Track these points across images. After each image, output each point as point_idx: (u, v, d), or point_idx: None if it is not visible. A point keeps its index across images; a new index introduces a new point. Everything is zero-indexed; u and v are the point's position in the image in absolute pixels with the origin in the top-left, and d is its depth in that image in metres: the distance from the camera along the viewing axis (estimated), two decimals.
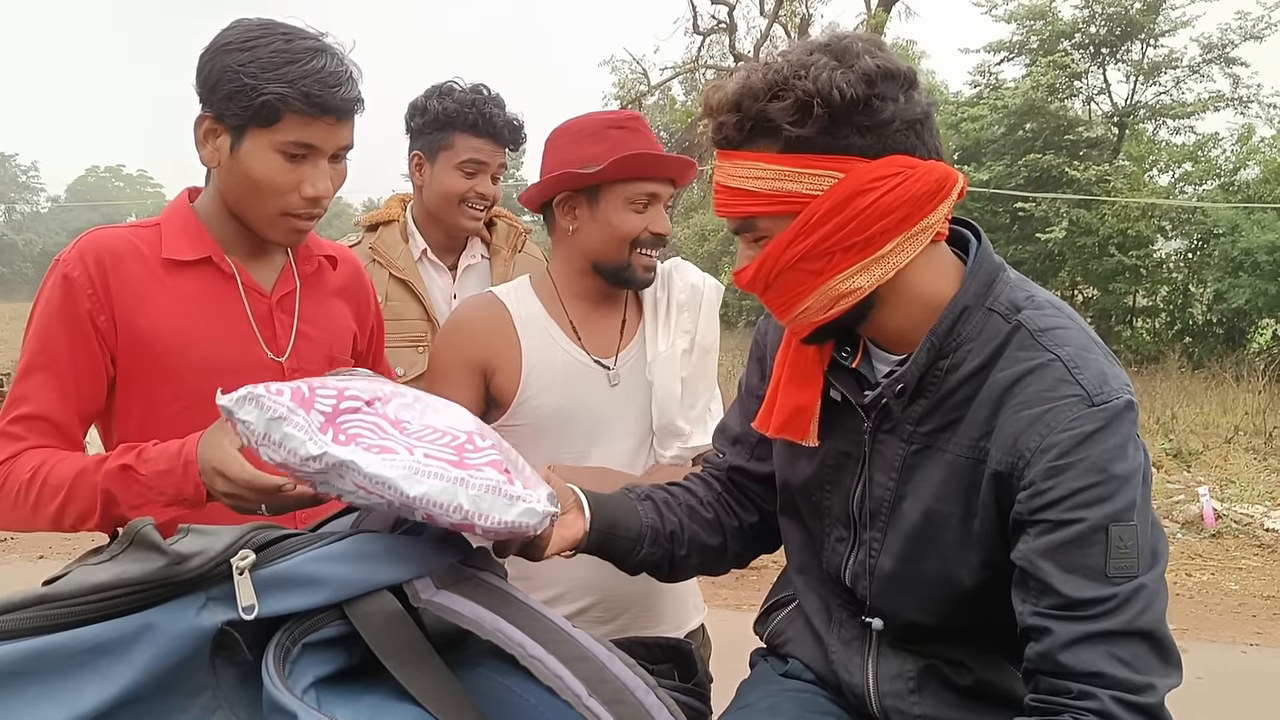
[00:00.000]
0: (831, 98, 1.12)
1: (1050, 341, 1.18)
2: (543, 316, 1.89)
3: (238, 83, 1.48)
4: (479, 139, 2.31)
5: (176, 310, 1.57)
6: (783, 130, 1.15)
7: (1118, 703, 1.04)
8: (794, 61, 1.15)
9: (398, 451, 1.05)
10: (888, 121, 1.14)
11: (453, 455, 1.09)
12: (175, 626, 0.87)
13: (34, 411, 1.52)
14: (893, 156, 1.15)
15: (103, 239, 1.58)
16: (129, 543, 0.90)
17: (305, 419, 1.04)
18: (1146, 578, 1.08)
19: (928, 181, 1.16)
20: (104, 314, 1.53)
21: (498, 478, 1.07)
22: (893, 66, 1.14)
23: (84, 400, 1.56)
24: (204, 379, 1.54)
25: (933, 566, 1.24)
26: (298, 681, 0.91)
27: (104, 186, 78.29)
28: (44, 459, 1.49)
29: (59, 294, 1.53)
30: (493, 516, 1.04)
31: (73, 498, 1.45)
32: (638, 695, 0.97)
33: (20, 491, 1.47)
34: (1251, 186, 18.04)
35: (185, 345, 1.57)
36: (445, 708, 0.94)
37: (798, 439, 1.34)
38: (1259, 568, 6.54)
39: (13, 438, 1.52)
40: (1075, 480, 1.09)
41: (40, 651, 0.83)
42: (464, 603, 1.00)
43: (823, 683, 1.39)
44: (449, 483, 1.03)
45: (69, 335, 1.53)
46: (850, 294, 1.20)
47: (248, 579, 0.89)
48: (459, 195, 2.35)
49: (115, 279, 1.54)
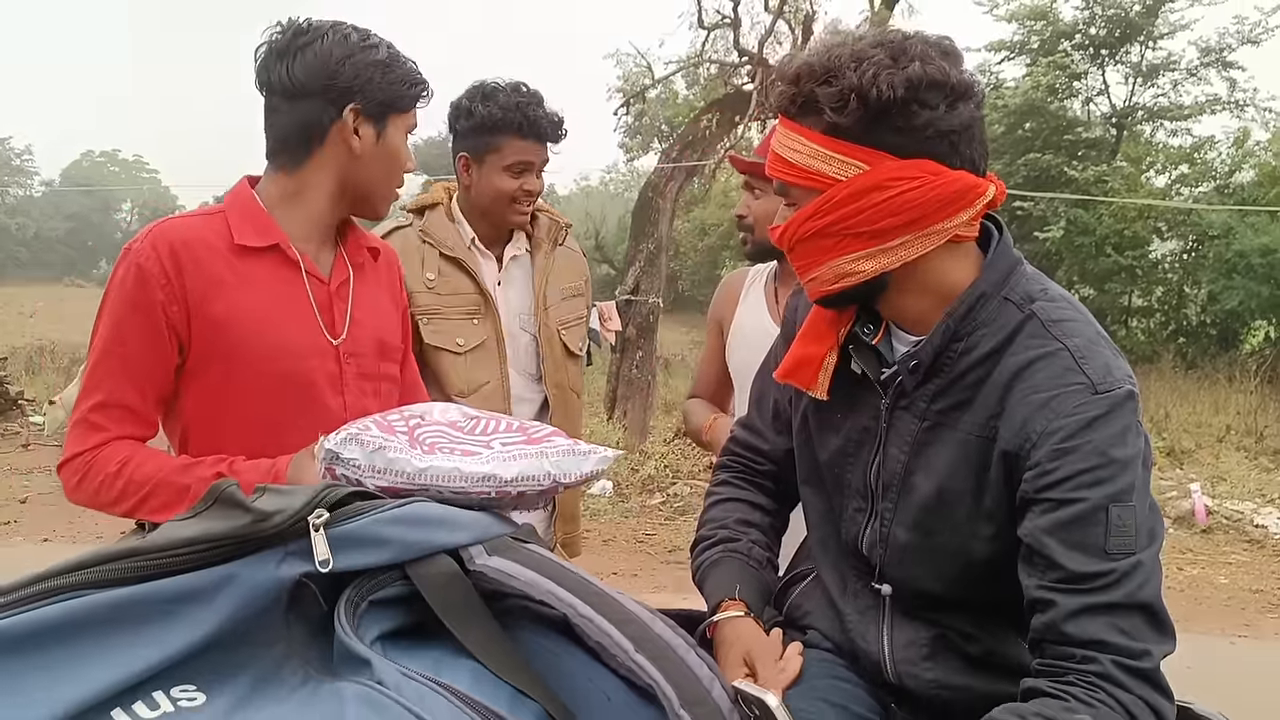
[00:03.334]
0: (870, 95, 1.19)
1: (1060, 332, 1.24)
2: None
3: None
4: (525, 140, 2.38)
5: (249, 296, 1.66)
6: (825, 114, 1.22)
7: (1118, 666, 1.11)
8: (854, 52, 1.22)
9: (479, 451, 1.21)
10: (922, 127, 1.20)
11: (521, 437, 1.26)
12: (256, 577, 0.93)
13: (112, 399, 1.62)
14: (922, 160, 1.21)
15: (174, 228, 1.65)
16: (213, 501, 0.96)
17: (398, 442, 1.17)
18: (1144, 555, 1.15)
19: (948, 190, 1.22)
20: (176, 304, 1.61)
21: (566, 442, 1.23)
22: (940, 77, 1.19)
23: (156, 385, 1.65)
24: (273, 362, 1.66)
25: (945, 538, 1.30)
26: (365, 635, 0.98)
27: (99, 171, 77.91)
28: (129, 454, 1.60)
29: (132, 283, 1.61)
30: (574, 473, 1.22)
31: (155, 494, 1.58)
32: (679, 653, 1.04)
33: (105, 481, 1.59)
34: (1246, 189, 18.13)
35: (258, 330, 1.66)
36: (500, 663, 1.01)
37: (803, 386, 1.41)
38: (1248, 563, 6.65)
39: (95, 426, 1.62)
40: (1078, 462, 1.16)
41: (135, 598, 0.89)
42: (517, 568, 1.07)
43: (839, 651, 1.46)
44: (533, 458, 1.20)
45: (142, 324, 1.61)
46: (854, 274, 1.28)
47: (323, 535, 0.96)
48: (509, 195, 2.42)
49: (189, 268, 1.62)
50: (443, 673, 0.97)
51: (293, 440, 1.59)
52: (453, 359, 2.40)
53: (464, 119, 2.40)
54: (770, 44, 11.88)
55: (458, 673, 0.98)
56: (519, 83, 2.41)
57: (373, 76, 1.71)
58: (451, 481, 1.15)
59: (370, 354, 1.80)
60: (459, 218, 2.52)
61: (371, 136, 1.73)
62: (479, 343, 2.44)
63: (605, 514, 7.81)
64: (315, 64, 1.66)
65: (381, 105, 1.73)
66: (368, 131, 1.73)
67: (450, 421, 1.30)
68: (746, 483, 1.64)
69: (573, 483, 1.24)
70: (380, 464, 1.15)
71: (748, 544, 1.53)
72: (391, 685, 0.90)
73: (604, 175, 38.45)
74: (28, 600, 0.88)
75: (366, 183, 1.78)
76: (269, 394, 1.67)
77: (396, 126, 1.77)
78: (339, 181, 1.74)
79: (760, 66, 11.35)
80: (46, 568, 0.90)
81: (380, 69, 1.71)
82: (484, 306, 2.46)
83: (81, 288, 42.96)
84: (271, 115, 1.73)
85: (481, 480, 1.16)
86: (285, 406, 1.68)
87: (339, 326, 1.76)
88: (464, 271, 2.45)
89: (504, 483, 1.17)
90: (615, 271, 20.45)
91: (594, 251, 22.76)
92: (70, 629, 0.87)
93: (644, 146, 24.53)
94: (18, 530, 7.10)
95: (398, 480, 1.14)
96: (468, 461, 1.18)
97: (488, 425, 1.30)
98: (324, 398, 1.72)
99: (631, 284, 10.47)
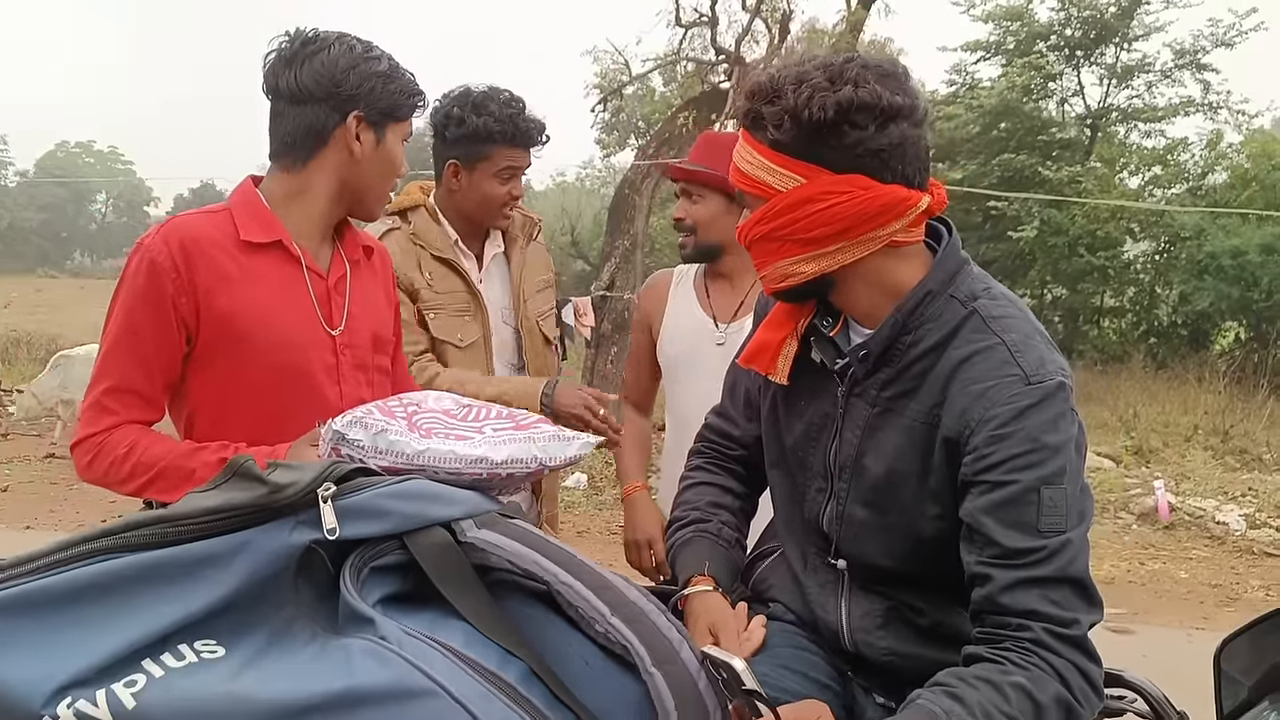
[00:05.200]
0: (803, 115, 1.30)
1: (999, 328, 1.36)
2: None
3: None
4: (514, 149, 2.50)
5: (254, 290, 1.77)
6: (769, 131, 1.34)
7: (1049, 634, 1.23)
8: (798, 74, 1.33)
9: (472, 436, 1.31)
10: (852, 145, 1.31)
11: (510, 424, 1.37)
12: (270, 544, 1.03)
13: (122, 385, 1.74)
14: (854, 175, 1.32)
15: (185, 225, 1.77)
16: (231, 475, 1.06)
17: (399, 426, 1.28)
18: (1073, 533, 1.27)
19: (877, 204, 1.32)
20: (185, 296, 1.72)
21: (551, 429, 1.34)
22: (871, 100, 1.29)
23: (164, 372, 1.77)
24: (275, 352, 1.78)
25: (895, 516, 1.42)
26: (367, 598, 1.07)
27: (74, 162, 77.04)
28: (138, 438, 1.73)
29: (144, 277, 1.73)
30: (559, 456, 1.33)
31: (162, 476, 1.71)
32: (651, 617, 1.14)
33: (115, 463, 1.72)
34: (1218, 191, 18.37)
35: (262, 322, 1.77)
36: (489, 625, 1.11)
37: (763, 370, 1.54)
38: (1208, 558, 6.82)
39: (106, 410, 1.74)
40: (1012, 447, 1.28)
41: (161, 561, 0.99)
42: (504, 540, 1.17)
43: (801, 623, 1.57)
44: (521, 442, 1.30)
45: (152, 315, 1.73)
46: (797, 275, 1.40)
47: (330, 506, 1.06)
48: (498, 200, 2.54)
49: (198, 263, 1.74)
50: (438, 633, 1.06)
51: (293, 425, 1.70)
52: (455, 352, 2.53)
53: (455, 127, 2.49)
54: (747, 43, 12.01)
55: (451, 633, 1.08)
56: (503, 91, 2.51)
57: (375, 86, 1.83)
58: (447, 463, 1.25)
59: (365, 346, 1.92)
60: (441, 218, 2.62)
61: (371, 142, 1.86)
62: (474, 339, 2.56)
63: (580, 506, 7.92)
64: (322, 72, 1.78)
65: (382, 113, 1.85)
66: (368, 137, 1.85)
67: (445, 410, 1.40)
68: (718, 468, 1.75)
69: (557, 465, 1.34)
70: (382, 445, 1.25)
71: (718, 525, 1.65)
72: (394, 641, 1.00)
73: (580, 171, 38.45)
74: (65, 562, 0.98)
75: (364, 185, 1.90)
76: (271, 382, 1.79)
77: (394, 133, 1.90)
78: (339, 183, 1.86)
79: (737, 65, 11.46)
80: (81, 533, 1.00)
81: (382, 79, 1.84)
82: (474, 304, 2.57)
83: (55, 278, 42.81)
84: (277, 119, 1.84)
85: (474, 462, 1.26)
86: (286, 394, 1.80)
87: (337, 319, 1.87)
88: (455, 272, 2.56)
89: (495, 465, 1.27)
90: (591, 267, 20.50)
91: (570, 247, 22.77)
92: (104, 588, 0.97)
93: (620, 143, 24.63)
94: (0, 518, 7.14)
95: (398, 461, 1.24)
96: (461, 445, 1.28)
97: (479, 413, 1.40)
98: (322, 386, 1.84)
99: (607, 280, 10.56)
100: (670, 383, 2.67)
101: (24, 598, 0.96)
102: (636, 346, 2.79)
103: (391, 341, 2.06)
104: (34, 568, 0.98)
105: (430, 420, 1.35)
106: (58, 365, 10.63)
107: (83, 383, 7.34)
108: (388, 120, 1.87)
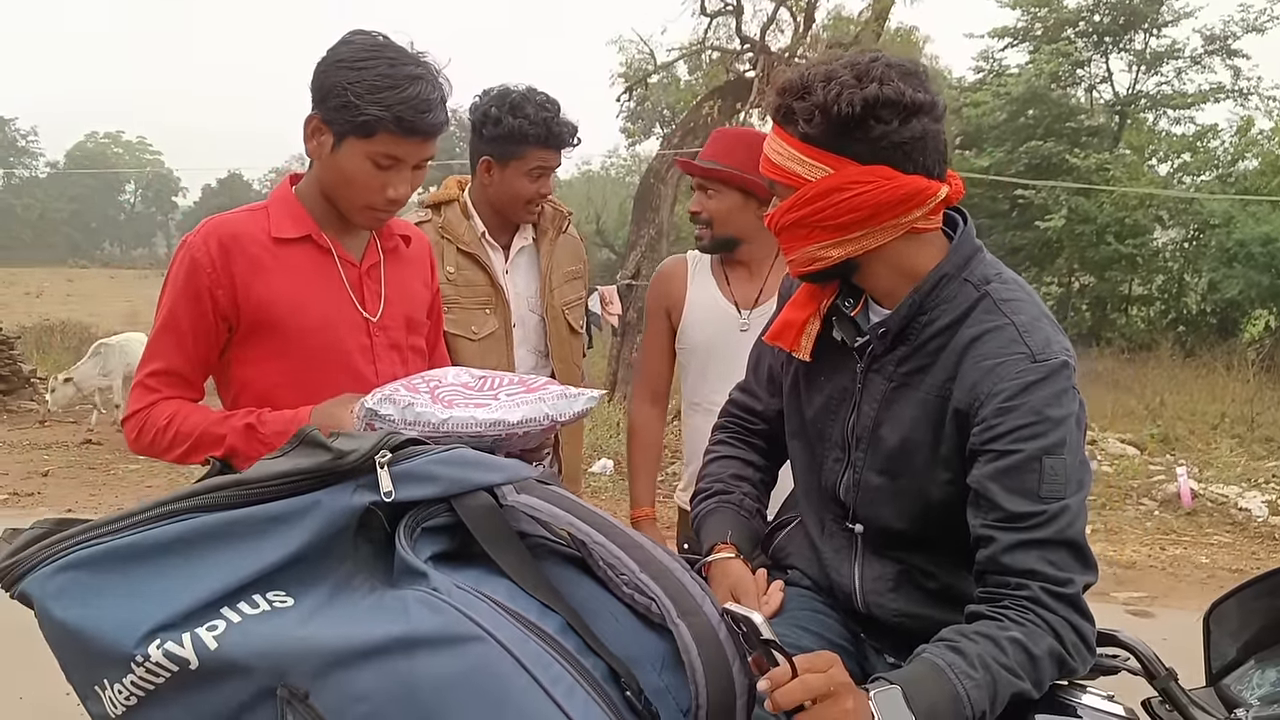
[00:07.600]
0: (833, 111, 1.40)
1: (1008, 309, 1.46)
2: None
3: (344, 99, 1.78)
4: (547, 150, 2.60)
5: (287, 280, 1.91)
6: (799, 124, 1.45)
7: (1046, 592, 1.34)
8: (826, 72, 1.43)
9: (488, 403, 1.45)
10: (878, 139, 1.41)
11: (521, 388, 1.51)
12: (335, 504, 1.14)
13: (165, 367, 1.91)
14: (878, 166, 1.42)
15: (224, 223, 1.92)
16: (299, 442, 1.18)
17: (423, 400, 1.42)
18: (1072, 500, 1.37)
19: (899, 193, 1.42)
20: (223, 288, 1.86)
21: (557, 388, 1.50)
22: (895, 96, 1.39)
23: (202, 357, 1.92)
24: (313, 336, 1.92)
25: (907, 481, 1.53)
26: (420, 555, 1.19)
27: (103, 152, 77.91)
28: (177, 409, 1.89)
29: (185, 271, 1.88)
30: (567, 412, 1.49)
31: (200, 444, 1.85)
32: (677, 574, 1.25)
33: (158, 433, 1.88)
34: (1249, 178, 18.26)
35: (297, 309, 1.91)
36: (529, 582, 1.22)
37: (787, 347, 1.64)
38: (1229, 544, 6.85)
39: (150, 389, 1.91)
40: (1017, 419, 1.38)
41: (236, 519, 1.11)
42: (541, 503, 1.28)
43: (817, 587, 1.68)
44: (532, 403, 1.45)
45: (191, 307, 1.88)
46: (823, 259, 1.51)
47: (386, 472, 1.17)
48: (526, 197, 2.64)
49: (236, 257, 1.88)
50: (483, 587, 1.17)
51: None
52: (468, 345, 2.63)
53: (491, 125, 2.58)
54: (772, 31, 12.06)
55: (495, 588, 1.19)
56: (539, 93, 2.61)
57: (344, 93, 1.76)
58: (468, 428, 1.40)
59: (399, 327, 2.03)
60: (472, 212, 2.73)
61: (327, 146, 1.85)
62: (491, 331, 2.67)
63: (606, 491, 8.02)
64: (318, 65, 1.86)
65: (345, 123, 1.79)
66: (324, 140, 1.85)
67: (463, 383, 1.53)
68: (741, 442, 1.86)
69: (567, 420, 1.49)
70: (410, 418, 1.39)
71: (740, 496, 1.76)
72: (444, 592, 1.11)
73: (605, 160, 38.54)
74: (153, 520, 1.10)
75: (329, 191, 1.93)
76: (308, 363, 1.92)
77: (355, 148, 1.81)
78: (319, 182, 1.95)
79: (762, 54, 11.53)
80: (167, 494, 1.12)
81: (360, 90, 1.76)
82: (495, 298, 2.68)
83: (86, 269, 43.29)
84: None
85: (492, 425, 1.41)
86: (323, 374, 1.92)
87: (372, 304, 2.00)
88: (478, 265, 2.67)
89: (511, 425, 1.42)
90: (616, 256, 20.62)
91: (595, 236, 22.87)
92: (187, 543, 1.10)
93: (645, 131, 24.70)
94: (42, 501, 7.35)
95: (425, 430, 1.37)
96: (481, 411, 1.42)
97: (493, 382, 1.54)
98: (358, 365, 1.95)
99: (633, 269, 10.67)
100: (693, 370, 2.73)
101: (117, 552, 1.08)
102: (655, 334, 2.82)
103: (426, 324, 2.16)
104: (125, 525, 1.10)
105: (451, 393, 1.48)
106: (98, 353, 10.93)
107: (121, 369, 7.58)
108: (350, 133, 1.80)
